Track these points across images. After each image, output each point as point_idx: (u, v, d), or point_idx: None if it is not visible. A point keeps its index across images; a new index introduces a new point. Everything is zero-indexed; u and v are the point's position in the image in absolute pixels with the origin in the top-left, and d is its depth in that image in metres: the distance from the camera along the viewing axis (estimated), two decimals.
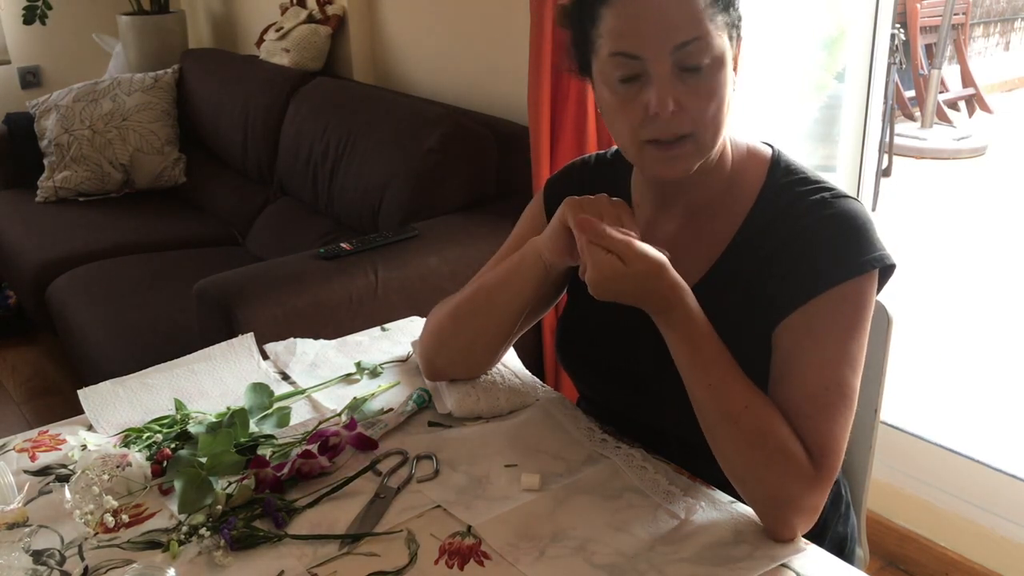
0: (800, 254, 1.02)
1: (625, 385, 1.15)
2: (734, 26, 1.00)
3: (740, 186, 1.08)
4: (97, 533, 0.99)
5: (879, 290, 1.04)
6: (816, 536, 1.14)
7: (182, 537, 0.97)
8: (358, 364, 1.33)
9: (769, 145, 1.12)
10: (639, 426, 1.16)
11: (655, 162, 1.02)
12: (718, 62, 0.97)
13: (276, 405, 1.22)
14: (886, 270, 1.02)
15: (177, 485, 1.03)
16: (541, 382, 1.28)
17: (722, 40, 0.98)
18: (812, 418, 0.96)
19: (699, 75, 0.97)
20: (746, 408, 0.96)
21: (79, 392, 1.25)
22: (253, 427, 1.16)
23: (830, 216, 1.02)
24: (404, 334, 1.45)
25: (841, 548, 1.20)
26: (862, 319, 1.00)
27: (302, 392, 1.28)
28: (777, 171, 1.08)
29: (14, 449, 1.16)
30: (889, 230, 3.07)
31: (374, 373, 1.32)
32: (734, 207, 1.08)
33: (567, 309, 1.25)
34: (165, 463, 1.09)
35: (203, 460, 1.06)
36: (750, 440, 0.96)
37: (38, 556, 0.96)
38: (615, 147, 1.18)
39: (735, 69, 1.02)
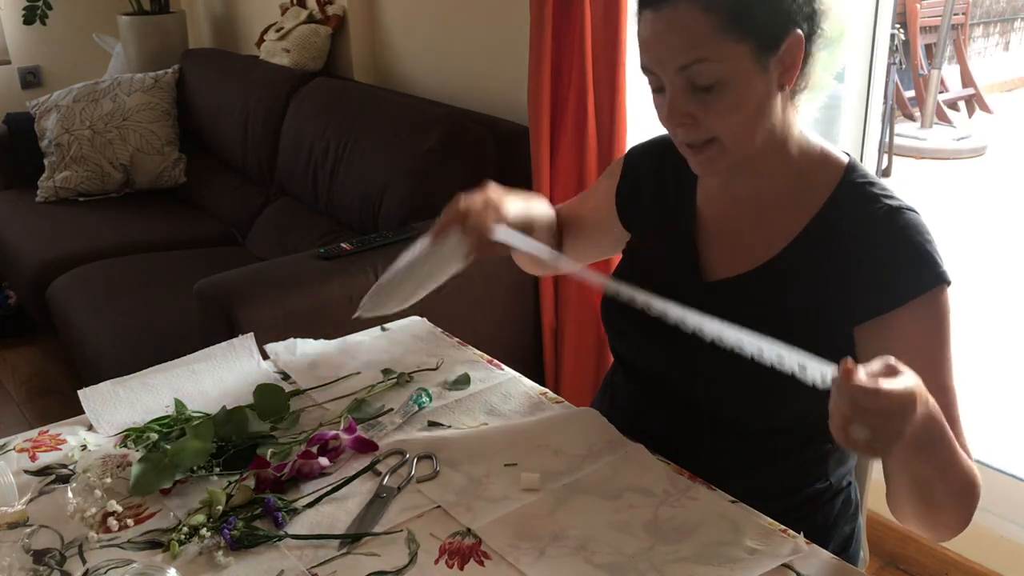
0: (878, 261, 1.03)
1: (664, 350, 1.16)
2: (764, 38, 0.99)
3: (811, 184, 1.10)
4: (98, 534, 0.99)
5: None
6: (823, 535, 1.15)
7: (182, 537, 0.97)
8: (385, 371, 1.31)
9: (847, 154, 1.13)
10: (671, 397, 1.17)
11: (689, 160, 1.08)
12: (732, 81, 0.98)
13: (290, 410, 1.22)
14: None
15: (135, 468, 1.04)
16: (542, 387, 1.28)
17: (737, 58, 0.98)
18: (960, 434, 1.00)
19: (711, 92, 0.99)
20: (970, 479, 0.98)
21: (79, 392, 1.25)
22: (263, 427, 1.17)
23: (907, 226, 1.04)
24: (404, 334, 1.45)
25: (846, 547, 1.21)
26: (950, 326, 1.04)
27: (302, 392, 1.28)
28: (852, 175, 1.09)
29: (14, 449, 1.16)
30: None
31: (405, 377, 1.30)
32: (804, 204, 1.09)
33: (621, 265, 1.28)
34: None
35: (167, 447, 1.06)
36: (968, 492, 0.98)
37: (38, 556, 0.96)
38: None
39: (793, 67, 1.02)
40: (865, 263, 1.04)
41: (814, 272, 1.07)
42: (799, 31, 1.01)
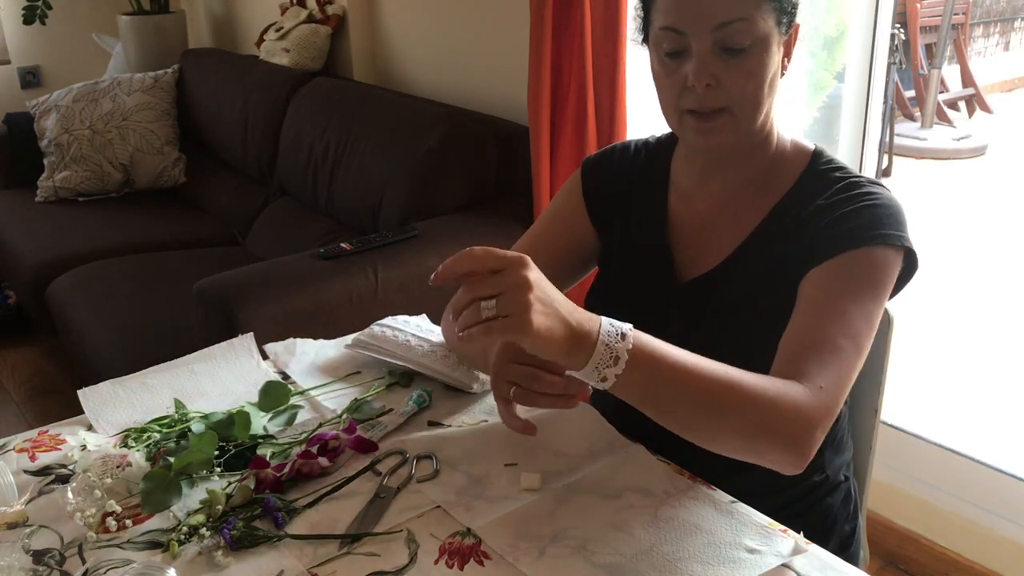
0: (831, 220, 1.05)
1: None
2: (784, 12, 1.05)
3: (781, 169, 1.14)
4: (98, 534, 0.99)
5: (899, 289, 1.07)
6: (823, 534, 1.15)
7: (182, 537, 0.97)
8: (389, 372, 1.31)
9: (815, 144, 1.17)
10: None
11: (692, 132, 1.08)
12: (760, 45, 1.03)
13: (290, 402, 1.23)
14: (909, 268, 1.05)
15: (143, 486, 1.03)
16: None
17: (767, 24, 1.03)
18: (821, 355, 0.96)
19: (740, 56, 1.02)
20: (727, 387, 0.92)
21: (79, 392, 1.25)
22: (263, 422, 1.17)
23: (867, 195, 1.06)
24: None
25: (846, 547, 1.21)
26: (883, 285, 1.02)
27: (302, 392, 1.28)
28: (819, 160, 1.14)
29: (14, 449, 1.16)
30: None
31: (405, 378, 1.30)
32: (774, 187, 1.13)
33: (596, 281, 1.28)
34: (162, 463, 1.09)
35: (171, 460, 1.06)
36: (745, 414, 0.92)
37: (38, 556, 0.96)
38: (658, 134, 1.26)
39: (788, 56, 1.09)
40: (819, 223, 1.06)
41: (778, 245, 1.10)
42: (798, 22, 1.07)
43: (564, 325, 0.86)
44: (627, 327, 0.89)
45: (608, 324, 0.88)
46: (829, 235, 1.04)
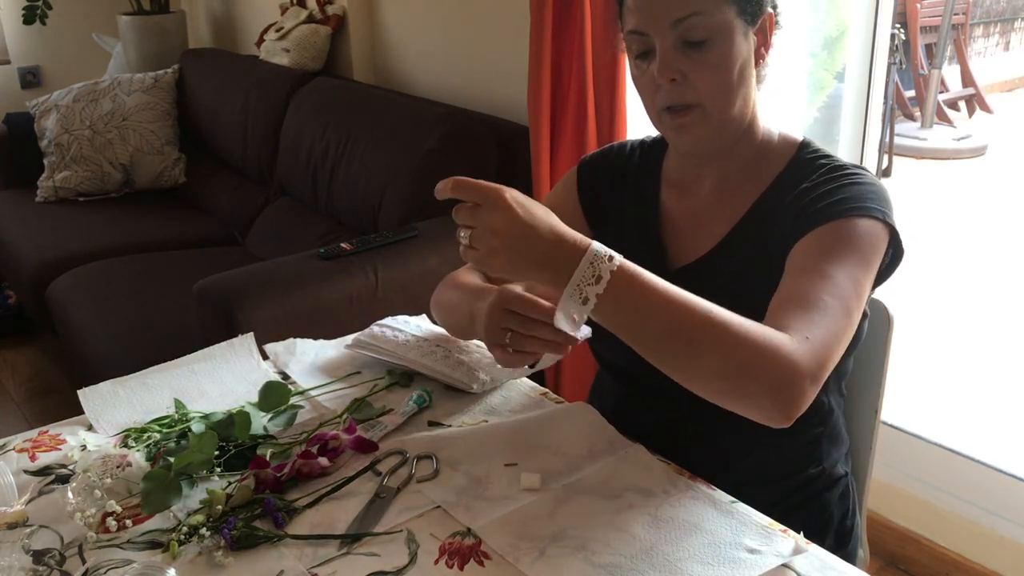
0: (814, 197, 1.06)
1: None
2: (747, 1, 1.06)
3: (768, 159, 1.16)
4: (98, 534, 0.99)
5: (885, 277, 1.07)
6: (820, 529, 1.15)
7: (182, 537, 0.97)
8: (389, 372, 1.32)
9: (803, 136, 1.19)
10: (651, 392, 1.17)
11: (670, 129, 1.11)
12: (721, 37, 1.05)
13: (290, 403, 1.23)
14: (895, 256, 1.07)
15: (143, 485, 1.03)
16: (543, 388, 1.28)
17: (726, 16, 1.05)
18: (808, 312, 0.95)
19: (702, 49, 1.05)
20: (709, 321, 0.91)
21: (79, 392, 1.25)
22: (263, 423, 1.17)
23: (850, 175, 1.08)
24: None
25: (843, 544, 1.21)
26: (869, 253, 1.02)
27: (302, 392, 1.28)
28: (806, 150, 1.16)
29: (14, 449, 1.16)
30: None
31: (405, 378, 1.31)
32: (760, 177, 1.15)
33: None
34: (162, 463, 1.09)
35: (171, 460, 1.06)
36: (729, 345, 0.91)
37: (38, 556, 0.96)
38: (654, 134, 1.27)
39: (766, 45, 1.10)
40: (802, 202, 1.07)
41: (765, 230, 1.11)
42: (771, 10, 1.10)
43: (534, 260, 0.90)
44: (618, 256, 0.91)
45: (598, 246, 0.91)
46: (812, 210, 1.05)
